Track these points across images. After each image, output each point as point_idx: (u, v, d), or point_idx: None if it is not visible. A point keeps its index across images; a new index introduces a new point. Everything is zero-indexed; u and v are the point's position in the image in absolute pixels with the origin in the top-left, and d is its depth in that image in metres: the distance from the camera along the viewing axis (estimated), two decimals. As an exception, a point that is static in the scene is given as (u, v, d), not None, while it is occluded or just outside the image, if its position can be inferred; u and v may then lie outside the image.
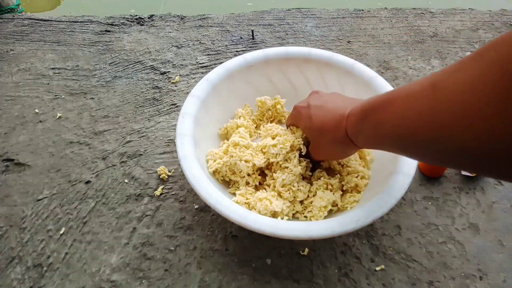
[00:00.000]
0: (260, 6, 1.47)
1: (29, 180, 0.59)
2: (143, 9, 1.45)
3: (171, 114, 0.69)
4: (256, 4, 1.47)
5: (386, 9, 0.96)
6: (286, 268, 0.49)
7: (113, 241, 0.52)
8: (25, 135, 0.66)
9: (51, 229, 0.53)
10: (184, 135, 0.50)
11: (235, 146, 0.52)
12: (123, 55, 0.82)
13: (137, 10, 0.98)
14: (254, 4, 1.47)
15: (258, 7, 1.46)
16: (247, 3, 1.48)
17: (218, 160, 0.52)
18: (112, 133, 0.66)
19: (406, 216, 0.54)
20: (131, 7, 1.44)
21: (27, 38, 0.87)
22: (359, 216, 0.43)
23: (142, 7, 1.48)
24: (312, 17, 0.93)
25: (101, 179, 0.59)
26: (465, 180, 0.59)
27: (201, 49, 0.83)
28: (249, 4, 1.48)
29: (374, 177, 0.52)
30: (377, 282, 0.48)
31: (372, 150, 0.55)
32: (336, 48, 0.83)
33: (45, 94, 0.73)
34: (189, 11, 1.00)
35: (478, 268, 0.49)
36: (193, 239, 0.52)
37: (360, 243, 0.52)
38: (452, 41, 0.85)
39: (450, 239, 0.52)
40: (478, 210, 0.55)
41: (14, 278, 0.49)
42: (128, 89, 0.74)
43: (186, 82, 0.76)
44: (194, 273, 0.49)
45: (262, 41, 0.85)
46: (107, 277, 0.49)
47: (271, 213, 0.47)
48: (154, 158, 0.62)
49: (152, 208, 0.56)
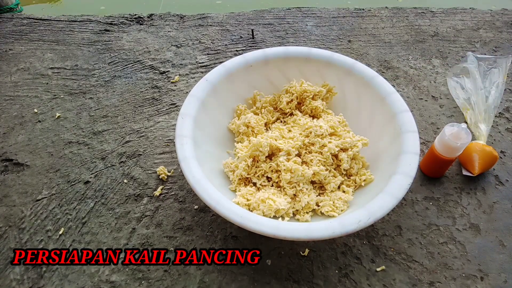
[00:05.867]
0: (229, 3, 1.47)
1: (28, 180, 0.59)
2: (142, 9, 1.44)
3: (170, 114, 0.69)
4: (225, 2, 1.46)
5: (386, 8, 0.95)
6: (286, 268, 0.49)
7: (112, 241, 0.52)
8: (24, 135, 0.66)
9: (50, 229, 0.53)
10: (183, 136, 0.50)
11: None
12: (122, 55, 0.82)
13: (137, 10, 0.97)
14: (223, 3, 1.47)
15: (227, 5, 1.46)
16: (216, 1, 1.48)
17: (242, 163, 0.53)
18: (111, 133, 0.66)
19: (407, 217, 0.54)
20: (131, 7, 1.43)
21: (26, 38, 0.86)
22: (360, 217, 0.42)
23: (142, 6, 1.48)
24: (313, 17, 0.92)
25: (100, 179, 0.59)
26: (466, 180, 0.59)
27: (200, 49, 0.83)
28: (218, 2, 1.48)
29: (375, 177, 0.52)
30: (377, 282, 0.48)
31: (372, 150, 0.55)
32: (337, 47, 0.83)
33: (44, 94, 0.73)
34: (188, 10, 1.00)
35: (479, 268, 0.49)
36: (193, 239, 0.52)
37: (360, 244, 0.51)
38: (453, 41, 0.85)
39: (451, 240, 0.52)
40: (479, 210, 0.55)
41: (13, 278, 0.48)
42: (127, 89, 0.74)
43: (186, 81, 0.76)
44: (194, 273, 0.49)
45: (262, 41, 0.85)
46: (106, 278, 0.48)
47: (275, 211, 0.47)
48: (153, 158, 0.62)
49: (151, 209, 0.55)
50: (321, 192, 0.53)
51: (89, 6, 1.47)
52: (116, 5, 1.47)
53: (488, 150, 0.57)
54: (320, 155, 0.53)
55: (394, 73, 0.77)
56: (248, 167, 0.53)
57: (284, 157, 0.52)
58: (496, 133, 0.66)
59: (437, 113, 0.69)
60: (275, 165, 0.52)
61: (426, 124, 0.67)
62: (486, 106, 0.63)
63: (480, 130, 0.61)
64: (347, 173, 0.54)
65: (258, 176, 0.53)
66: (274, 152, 0.53)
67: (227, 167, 0.54)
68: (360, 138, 0.54)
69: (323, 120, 0.57)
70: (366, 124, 0.58)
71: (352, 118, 0.60)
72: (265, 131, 0.59)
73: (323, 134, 0.53)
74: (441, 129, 0.65)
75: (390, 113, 0.53)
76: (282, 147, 0.52)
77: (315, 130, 0.53)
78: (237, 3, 1.48)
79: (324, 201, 0.50)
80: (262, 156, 0.52)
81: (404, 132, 0.50)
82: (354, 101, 0.60)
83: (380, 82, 0.56)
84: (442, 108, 0.70)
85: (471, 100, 0.65)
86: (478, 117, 0.63)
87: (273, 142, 0.52)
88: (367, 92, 0.58)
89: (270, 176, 0.53)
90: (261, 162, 0.53)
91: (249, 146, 0.53)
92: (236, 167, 0.53)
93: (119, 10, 0.97)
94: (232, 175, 0.53)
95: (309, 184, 0.52)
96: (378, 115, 0.56)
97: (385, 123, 0.54)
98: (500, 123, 0.67)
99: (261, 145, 0.52)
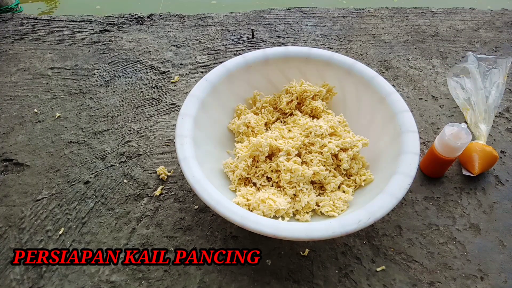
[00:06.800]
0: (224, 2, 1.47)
1: (28, 180, 0.59)
2: (142, 8, 1.44)
3: (170, 114, 0.69)
4: (220, 2, 1.46)
5: (386, 8, 0.95)
6: (286, 268, 0.49)
7: (112, 241, 0.52)
8: (24, 135, 0.66)
9: (50, 229, 0.53)
10: (183, 136, 0.50)
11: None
12: (122, 55, 0.82)
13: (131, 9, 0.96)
14: (218, 2, 1.47)
15: (222, 5, 1.46)
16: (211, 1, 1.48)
17: (242, 163, 0.53)
18: (111, 133, 0.66)
19: (407, 217, 0.54)
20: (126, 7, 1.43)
21: (26, 38, 0.86)
22: (360, 217, 0.42)
23: (137, 6, 1.47)
24: (313, 16, 0.92)
25: (100, 179, 0.59)
26: (466, 180, 0.59)
27: (200, 49, 0.83)
28: (213, 2, 1.48)
29: (375, 177, 0.52)
30: (377, 283, 0.48)
31: (372, 150, 0.55)
32: (337, 47, 0.83)
33: (44, 94, 0.73)
34: (188, 10, 1.00)
35: (479, 268, 0.49)
36: (193, 239, 0.52)
37: (360, 244, 0.51)
38: (453, 41, 0.84)
39: (451, 240, 0.52)
40: (479, 210, 0.55)
41: (13, 278, 0.48)
42: (127, 89, 0.74)
43: (186, 81, 0.76)
44: (194, 273, 0.49)
45: (262, 41, 0.85)
46: (106, 278, 0.48)
47: (275, 211, 0.47)
48: (153, 158, 0.62)
49: (151, 209, 0.55)
50: (321, 192, 0.53)
51: (84, 6, 1.47)
52: (111, 5, 1.47)
53: (488, 150, 0.57)
54: (320, 155, 0.53)
55: (394, 73, 0.77)
56: (248, 167, 0.53)
57: (284, 157, 0.52)
58: (496, 133, 0.66)
59: (437, 113, 0.69)
60: (275, 165, 0.52)
61: (426, 124, 0.67)
62: (486, 106, 0.63)
63: (480, 130, 0.61)
64: (347, 173, 0.54)
65: (258, 176, 0.53)
66: (274, 152, 0.53)
67: (227, 167, 0.54)
68: (360, 138, 0.54)
69: (323, 120, 0.57)
70: (366, 124, 0.58)
71: (352, 118, 0.60)
72: (265, 131, 0.59)
73: (323, 134, 0.53)
74: (441, 129, 0.65)
75: (390, 113, 0.53)
76: (282, 147, 0.52)
77: (315, 130, 0.53)
78: (231, 3, 1.48)
79: (324, 201, 0.50)
80: (262, 156, 0.52)
81: (404, 132, 0.50)
82: (354, 101, 0.60)
83: (380, 82, 0.56)
84: (442, 108, 0.70)
85: (471, 100, 0.65)
86: (478, 117, 0.63)
87: (273, 142, 0.52)
88: (367, 92, 0.58)
89: (270, 176, 0.53)
90: (261, 162, 0.53)
91: (249, 146, 0.53)
92: (236, 167, 0.53)
93: (114, 10, 0.96)
94: (232, 175, 0.53)
95: (309, 184, 0.52)
96: (378, 115, 0.56)
97: (385, 123, 0.54)
98: (500, 123, 0.67)
99: (261, 145, 0.52)
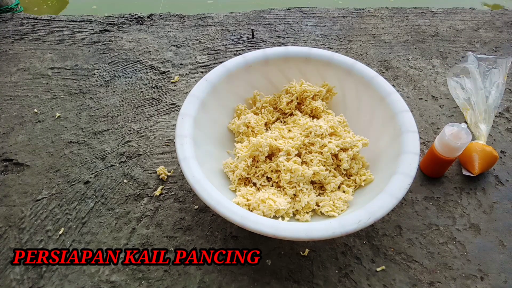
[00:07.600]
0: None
1: (28, 180, 0.59)
2: (142, 8, 1.44)
3: (170, 114, 0.69)
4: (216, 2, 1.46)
5: (386, 8, 0.95)
6: (286, 268, 0.49)
7: (112, 241, 0.52)
8: (24, 135, 0.66)
9: (50, 229, 0.53)
10: (183, 136, 0.50)
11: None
12: (122, 55, 0.82)
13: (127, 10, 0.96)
14: (214, 2, 1.47)
15: (218, 5, 1.46)
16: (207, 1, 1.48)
17: (242, 163, 0.53)
18: (111, 133, 0.66)
19: (407, 217, 0.54)
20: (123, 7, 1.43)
21: (26, 38, 0.86)
22: (360, 217, 0.42)
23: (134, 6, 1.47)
24: (313, 16, 0.92)
25: (100, 179, 0.59)
26: (466, 180, 0.59)
27: (200, 49, 0.83)
28: (209, 1, 1.48)
29: (375, 177, 0.52)
30: (377, 283, 0.48)
31: (372, 150, 0.55)
32: (337, 47, 0.83)
33: (44, 94, 0.73)
34: (188, 10, 1.00)
35: (479, 268, 0.49)
36: (193, 239, 0.52)
37: (360, 244, 0.51)
38: (453, 41, 0.84)
39: (451, 240, 0.52)
40: (479, 210, 0.55)
41: (13, 278, 0.48)
42: (127, 89, 0.74)
43: (186, 81, 0.76)
44: (194, 273, 0.49)
45: (262, 41, 0.85)
46: (106, 278, 0.48)
47: (275, 211, 0.47)
48: (153, 158, 0.62)
49: (151, 209, 0.55)
50: (321, 192, 0.53)
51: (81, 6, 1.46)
52: (108, 5, 1.46)
53: (488, 150, 0.57)
54: (320, 155, 0.53)
55: (394, 73, 0.77)
56: (248, 167, 0.53)
57: (284, 157, 0.52)
58: (496, 133, 0.66)
59: (437, 113, 0.69)
60: (275, 165, 0.52)
61: (426, 124, 0.67)
62: (486, 106, 0.63)
63: (480, 130, 0.61)
64: (347, 173, 0.54)
65: (258, 176, 0.53)
66: (274, 152, 0.53)
67: (227, 167, 0.54)
68: (360, 138, 0.54)
69: (323, 120, 0.57)
70: (366, 124, 0.58)
71: (352, 118, 0.60)
72: (265, 131, 0.59)
73: (323, 134, 0.53)
74: (441, 129, 0.65)
75: (390, 113, 0.53)
76: (282, 147, 0.52)
77: (315, 130, 0.53)
78: (231, 2, 1.48)
79: (324, 201, 0.50)
80: (262, 156, 0.52)
81: (404, 132, 0.50)
82: (354, 101, 0.60)
83: (380, 82, 0.56)
84: (442, 108, 0.70)
85: (471, 100, 0.65)
86: (478, 117, 0.63)
87: (273, 142, 0.52)
88: (367, 92, 0.58)
89: (270, 176, 0.53)
90: (261, 162, 0.53)
91: (249, 146, 0.53)
92: (236, 167, 0.53)
93: (112, 10, 0.96)
94: (232, 175, 0.53)
95: (309, 184, 0.52)
96: (378, 115, 0.56)
97: (385, 123, 0.54)
98: (500, 123, 0.67)
99: (261, 145, 0.52)
